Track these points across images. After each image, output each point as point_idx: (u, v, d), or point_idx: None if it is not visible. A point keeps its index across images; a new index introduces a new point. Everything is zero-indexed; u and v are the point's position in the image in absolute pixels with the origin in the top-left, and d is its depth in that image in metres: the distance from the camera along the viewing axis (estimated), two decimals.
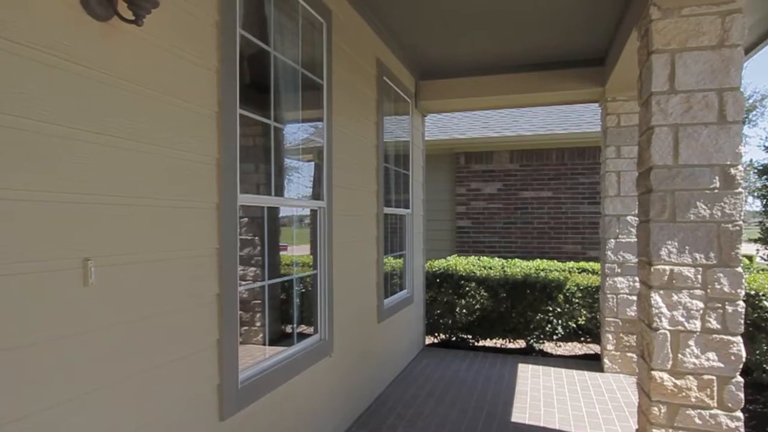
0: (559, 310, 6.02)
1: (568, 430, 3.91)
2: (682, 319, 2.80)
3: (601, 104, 5.57)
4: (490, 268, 6.59)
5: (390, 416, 4.15)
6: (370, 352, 4.43)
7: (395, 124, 5.43)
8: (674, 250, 2.82)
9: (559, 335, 6.06)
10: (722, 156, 2.76)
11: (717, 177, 2.76)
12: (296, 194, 4.41)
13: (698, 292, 2.79)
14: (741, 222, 2.75)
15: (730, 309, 2.74)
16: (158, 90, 1.96)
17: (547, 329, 6.06)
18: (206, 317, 2.24)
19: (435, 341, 6.73)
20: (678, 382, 2.79)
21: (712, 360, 2.75)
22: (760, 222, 14.04)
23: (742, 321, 2.73)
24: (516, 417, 4.15)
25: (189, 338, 2.13)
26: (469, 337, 6.51)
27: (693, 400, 2.77)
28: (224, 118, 2.33)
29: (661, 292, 2.84)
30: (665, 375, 2.81)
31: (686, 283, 2.80)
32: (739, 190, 2.75)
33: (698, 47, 2.79)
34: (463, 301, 6.29)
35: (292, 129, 3.73)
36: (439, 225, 9.34)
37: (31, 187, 1.47)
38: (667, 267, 2.83)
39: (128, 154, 1.82)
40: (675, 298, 2.81)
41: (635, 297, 5.16)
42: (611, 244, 5.24)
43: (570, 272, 6.49)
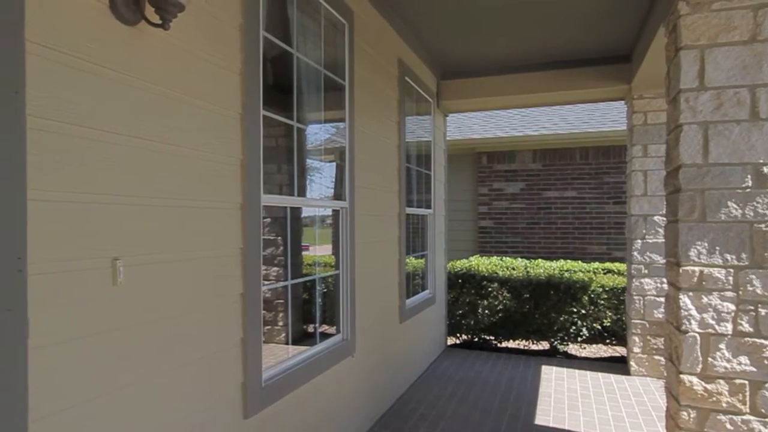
0: (584, 312, 5.93)
1: None
2: (713, 322, 2.73)
3: (627, 102, 5.46)
4: (513, 269, 6.52)
5: (412, 417, 4.15)
6: (392, 353, 4.43)
7: (417, 124, 5.41)
8: (704, 251, 2.74)
9: (584, 337, 5.97)
10: (754, 154, 2.68)
11: (749, 176, 2.68)
12: (318, 194, 4.44)
13: (729, 294, 2.71)
14: None
15: (763, 312, 2.66)
16: (184, 92, 1.99)
17: (572, 331, 5.97)
18: (231, 316, 2.27)
19: (457, 342, 6.70)
20: (708, 387, 2.72)
21: (744, 364, 2.67)
22: None
23: None
24: (540, 419, 4.10)
25: (214, 337, 2.16)
26: (492, 338, 6.45)
27: (724, 405, 2.70)
28: (248, 120, 2.36)
29: (691, 294, 2.77)
30: (695, 379, 2.74)
31: (717, 285, 2.73)
32: None
33: (729, 42, 2.71)
34: (486, 302, 6.24)
35: (314, 129, 3.75)
36: (461, 225, 9.28)
37: (64, 189, 1.51)
38: (697, 268, 2.76)
39: (155, 156, 1.85)
40: (705, 300, 2.74)
41: (663, 299, 5.05)
42: (638, 245, 5.14)
43: (595, 273, 6.39)
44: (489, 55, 5.33)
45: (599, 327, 5.92)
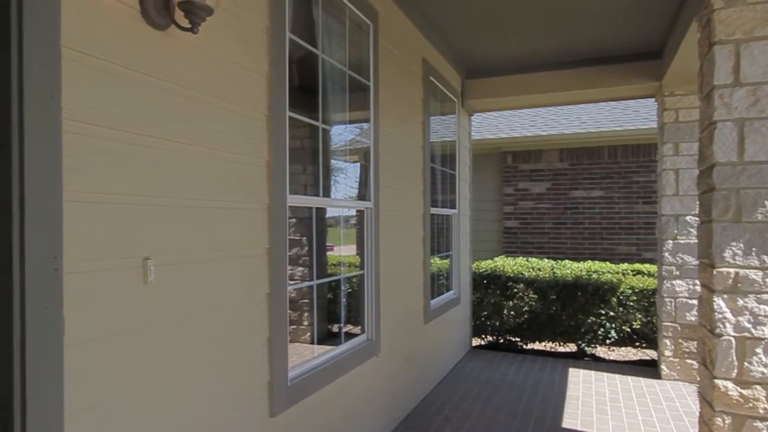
0: (613, 314, 5.81)
1: None
2: (749, 326, 2.64)
3: (658, 99, 5.33)
4: (539, 270, 6.43)
5: (437, 418, 4.13)
6: (417, 353, 4.42)
7: (441, 124, 5.39)
8: (739, 252, 2.66)
9: (612, 339, 5.85)
10: None
11: None
12: (343, 195, 4.46)
13: (766, 297, 2.62)
14: None
15: None
16: (212, 95, 2.03)
17: (600, 333, 5.86)
18: (257, 316, 2.29)
19: (482, 343, 6.64)
20: (744, 392, 2.63)
21: None
22: None
23: None
24: (567, 422, 4.03)
25: (241, 336, 2.18)
26: (518, 340, 6.38)
27: (761, 412, 2.61)
28: (274, 121, 2.38)
29: (725, 297, 2.68)
30: (730, 384, 2.66)
31: (753, 287, 2.64)
32: None
33: (765, 36, 2.63)
34: (511, 303, 6.17)
35: (339, 130, 3.77)
36: (486, 225, 9.21)
37: (97, 190, 1.55)
38: (732, 270, 2.67)
39: (185, 157, 1.89)
40: (740, 303, 2.66)
41: (695, 301, 4.92)
42: (669, 246, 5.01)
43: (624, 274, 6.25)
44: (514, 54, 5.27)
45: (628, 329, 5.80)
